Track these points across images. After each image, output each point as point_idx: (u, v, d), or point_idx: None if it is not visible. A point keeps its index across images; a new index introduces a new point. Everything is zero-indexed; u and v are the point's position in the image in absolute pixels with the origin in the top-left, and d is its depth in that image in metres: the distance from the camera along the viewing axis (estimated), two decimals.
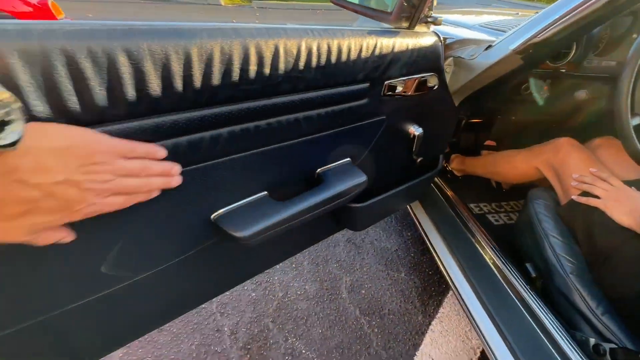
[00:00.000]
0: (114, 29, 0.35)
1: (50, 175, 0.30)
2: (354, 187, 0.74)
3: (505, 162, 1.18)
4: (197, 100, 0.44)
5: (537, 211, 0.95)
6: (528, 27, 0.79)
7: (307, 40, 0.51)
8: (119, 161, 0.36)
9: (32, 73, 0.31)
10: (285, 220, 0.62)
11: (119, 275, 0.52)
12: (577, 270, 0.82)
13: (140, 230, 0.50)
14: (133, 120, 0.40)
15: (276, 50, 0.48)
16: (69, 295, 0.48)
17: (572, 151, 0.95)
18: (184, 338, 1.09)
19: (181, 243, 0.58)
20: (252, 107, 0.50)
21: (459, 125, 1.24)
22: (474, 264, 1.03)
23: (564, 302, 0.83)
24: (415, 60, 0.71)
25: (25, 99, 0.32)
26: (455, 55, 1.01)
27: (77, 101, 0.35)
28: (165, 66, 0.39)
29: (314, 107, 0.59)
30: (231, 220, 0.59)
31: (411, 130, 0.87)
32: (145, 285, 0.58)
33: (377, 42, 0.62)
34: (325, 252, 1.46)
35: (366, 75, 0.64)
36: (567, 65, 1.00)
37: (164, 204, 0.50)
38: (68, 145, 0.31)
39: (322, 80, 0.57)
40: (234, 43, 0.44)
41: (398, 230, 1.64)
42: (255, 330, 1.14)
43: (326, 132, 0.65)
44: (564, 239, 0.87)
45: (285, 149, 0.61)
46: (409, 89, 0.76)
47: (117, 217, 0.46)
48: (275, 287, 1.29)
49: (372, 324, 1.20)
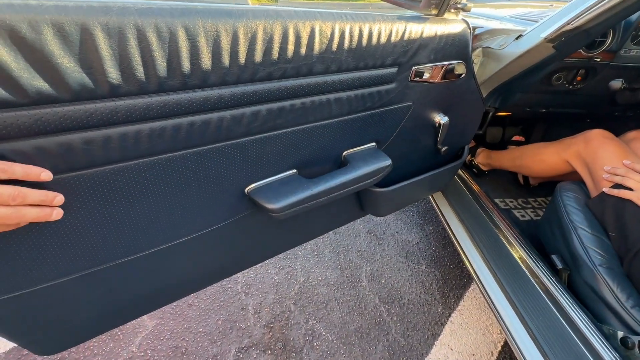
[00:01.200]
0: (175, 8, 0.40)
1: None
2: (379, 170, 0.76)
3: (533, 155, 1.15)
4: (241, 75, 0.48)
5: (565, 203, 0.93)
6: (561, 14, 0.79)
7: (341, 23, 0.55)
8: None
9: (110, 44, 0.37)
10: (313, 197, 0.66)
11: (160, 239, 0.58)
12: (607, 263, 0.80)
13: (186, 198, 0.55)
14: (185, 91, 0.45)
15: (312, 31, 0.52)
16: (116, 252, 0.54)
17: (604, 143, 0.93)
18: (211, 313, 1.15)
19: (218, 213, 0.63)
20: (289, 85, 0.54)
21: (485, 117, 1.23)
22: (499, 256, 1.03)
23: (591, 295, 0.81)
24: (444, 46, 0.73)
25: (104, 66, 0.37)
26: (484, 46, 1.01)
27: (142, 71, 0.40)
28: (215, 42, 0.43)
29: (344, 89, 0.62)
30: (264, 194, 0.63)
31: (437, 119, 0.88)
32: (181, 251, 0.63)
33: (406, 27, 0.64)
34: (346, 241, 1.49)
35: (394, 60, 0.66)
36: (602, 54, 0.97)
37: (207, 175, 0.55)
38: None
39: (352, 62, 0.60)
40: (275, 23, 0.48)
41: (420, 224, 1.64)
42: (278, 311, 1.18)
43: (354, 114, 0.69)
44: (593, 232, 0.86)
45: (316, 130, 0.65)
46: (436, 76, 0.77)
47: (168, 185, 0.51)
48: (298, 272, 1.33)
49: (392, 312, 1.22)
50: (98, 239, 0.50)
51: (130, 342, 1.05)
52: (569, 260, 0.88)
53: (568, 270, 0.88)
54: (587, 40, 0.84)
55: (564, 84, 1.05)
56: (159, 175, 0.49)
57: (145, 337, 1.07)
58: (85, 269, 0.52)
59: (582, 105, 1.19)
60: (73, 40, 0.35)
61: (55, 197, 0.39)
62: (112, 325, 0.69)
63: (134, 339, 1.06)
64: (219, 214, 0.63)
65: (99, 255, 0.52)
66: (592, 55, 0.97)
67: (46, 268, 0.48)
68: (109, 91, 0.39)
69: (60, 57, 0.34)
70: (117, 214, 0.50)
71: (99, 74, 0.37)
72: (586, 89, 1.08)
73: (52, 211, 0.40)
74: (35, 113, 0.35)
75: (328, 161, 0.74)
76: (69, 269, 0.50)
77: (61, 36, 0.34)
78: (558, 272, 0.89)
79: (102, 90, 0.38)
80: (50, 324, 0.57)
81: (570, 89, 1.07)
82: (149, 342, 1.05)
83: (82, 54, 0.35)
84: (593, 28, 0.74)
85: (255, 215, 0.70)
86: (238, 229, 0.70)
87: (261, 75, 0.50)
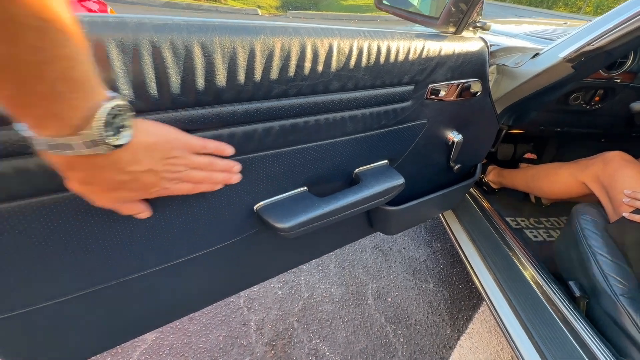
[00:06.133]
0: (192, 24, 0.39)
1: (139, 166, 0.36)
2: (392, 188, 0.74)
3: (548, 176, 1.12)
4: (255, 92, 0.46)
5: (583, 227, 0.90)
6: (581, 34, 0.77)
7: (359, 40, 0.53)
8: (191, 156, 0.43)
9: (124, 60, 0.35)
10: (324, 216, 0.64)
11: (163, 258, 0.56)
12: (628, 292, 0.76)
13: (191, 215, 0.53)
14: (199, 108, 0.43)
15: (330, 49, 0.50)
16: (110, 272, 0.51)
17: (624, 166, 0.90)
18: (212, 328, 1.12)
19: (224, 231, 0.61)
20: (304, 102, 0.52)
21: (498, 135, 1.20)
22: (511, 278, 0.99)
23: (611, 325, 0.77)
24: (461, 65, 0.71)
25: (115, 82, 0.36)
26: (499, 63, 0.99)
27: (155, 87, 0.38)
28: (232, 59, 0.42)
29: (359, 106, 0.60)
30: (274, 212, 0.61)
31: (450, 137, 0.86)
32: (185, 269, 0.61)
33: (424, 45, 0.63)
34: (352, 256, 1.46)
35: (412, 78, 0.64)
36: (623, 75, 0.95)
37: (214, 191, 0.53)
38: (154, 141, 0.38)
39: (369, 80, 0.58)
40: (293, 40, 0.46)
41: (427, 240, 1.60)
42: (281, 328, 1.15)
43: (369, 132, 0.67)
44: (614, 259, 0.82)
45: (329, 147, 0.63)
46: (452, 94, 0.75)
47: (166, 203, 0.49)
48: (302, 287, 1.30)
49: (398, 333, 1.18)
50: (97, 259, 0.48)
51: (128, 357, 1.02)
52: (588, 288, 0.85)
53: (586, 298, 0.84)
54: (608, 61, 0.82)
55: (581, 104, 1.03)
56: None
57: (143, 351, 1.04)
58: (85, 288, 0.50)
59: (599, 126, 1.17)
60: None
61: (235, 165, 0.50)
62: (113, 343, 0.66)
63: (132, 354, 1.02)
64: (225, 232, 0.61)
65: (98, 274, 0.50)
66: (612, 76, 0.95)
67: (44, 287, 0.46)
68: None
69: None
70: (118, 232, 0.47)
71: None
72: (604, 110, 1.05)
73: (233, 176, 0.51)
74: None
75: (339, 178, 0.72)
76: (69, 288, 0.48)
77: None
78: (576, 300, 0.85)
79: None
80: (48, 343, 0.54)
81: (588, 109, 1.05)
82: (147, 358, 1.02)
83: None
84: (615, 49, 0.72)
85: (263, 233, 0.68)
86: (244, 247, 0.68)
87: (277, 92, 0.48)
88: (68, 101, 0.27)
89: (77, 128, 0.28)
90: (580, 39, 0.76)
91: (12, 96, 0.25)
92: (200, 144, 0.44)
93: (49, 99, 0.26)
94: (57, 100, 0.26)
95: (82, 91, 0.27)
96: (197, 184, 0.46)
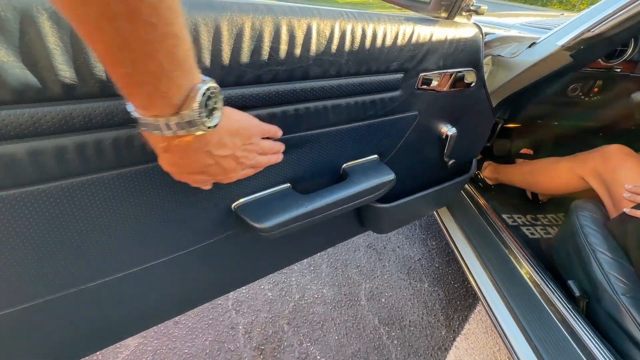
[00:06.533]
0: None
1: (224, 150, 0.38)
2: (382, 184, 0.69)
3: (545, 171, 1.09)
4: (225, 77, 0.42)
5: (582, 224, 0.86)
6: (580, 21, 0.73)
7: (341, 22, 0.49)
8: (261, 142, 0.45)
9: (60, 35, 0.31)
10: (308, 214, 0.59)
11: (136, 260, 0.51)
12: (630, 292, 0.73)
13: (161, 214, 0.48)
14: None
15: (309, 30, 0.46)
16: (85, 275, 0.47)
17: (624, 160, 0.86)
18: (198, 333, 1.08)
19: (200, 230, 0.56)
20: (280, 90, 0.48)
21: (494, 129, 1.16)
22: (508, 277, 0.96)
23: (612, 326, 0.74)
24: (454, 52, 0.67)
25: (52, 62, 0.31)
26: (495, 54, 0.95)
27: (102, 69, 0.34)
28: (194, 38, 0.37)
29: (343, 95, 0.56)
30: (252, 211, 0.56)
31: (444, 130, 0.82)
32: (161, 271, 0.56)
33: (414, 29, 0.58)
34: (344, 256, 1.42)
35: (400, 65, 0.60)
36: (623, 65, 0.91)
37: (186, 189, 0.48)
38: (237, 127, 0.39)
39: (354, 66, 0.54)
40: (265, 19, 0.42)
41: (422, 238, 1.56)
42: (270, 331, 1.10)
43: (354, 123, 0.62)
44: (614, 256, 0.79)
45: (311, 138, 0.58)
46: (445, 84, 0.71)
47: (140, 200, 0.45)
48: (292, 288, 1.26)
49: (392, 335, 1.14)
50: (67, 260, 0.43)
51: None
52: (588, 287, 0.81)
53: (586, 298, 0.80)
54: (608, 48, 0.78)
55: (579, 95, 0.99)
56: (131, 190, 0.43)
57: (125, 358, 0.99)
58: (58, 290, 0.45)
59: (597, 118, 1.13)
60: (11, 30, 0.28)
61: (282, 146, 0.52)
62: (91, 349, 0.62)
63: None
64: (202, 231, 0.57)
65: (71, 276, 0.45)
66: (612, 65, 0.91)
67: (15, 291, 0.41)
68: (61, 93, 0.32)
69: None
70: (83, 235, 0.43)
71: (46, 71, 0.31)
72: (603, 101, 1.02)
73: (279, 156, 0.52)
74: None
75: (326, 174, 0.68)
76: (41, 291, 0.44)
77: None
78: (575, 300, 0.82)
79: (53, 92, 0.32)
80: (22, 349, 0.49)
81: (586, 101, 1.01)
82: None
83: (23, 46, 0.29)
84: (617, 35, 0.68)
85: (244, 233, 0.64)
86: (226, 248, 0.64)
87: (249, 77, 0.44)
88: (174, 79, 0.28)
89: (178, 108, 0.29)
90: (580, 26, 0.72)
91: (128, 74, 0.26)
92: (266, 129, 0.46)
93: (158, 77, 0.27)
94: (164, 78, 0.27)
95: (184, 70, 0.28)
96: (254, 168, 0.47)
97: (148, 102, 0.29)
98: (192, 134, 0.31)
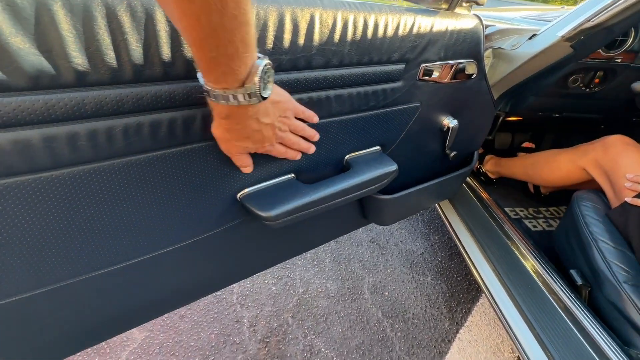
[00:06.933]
0: None
1: (267, 118, 0.42)
2: (384, 175, 0.70)
3: (547, 162, 1.09)
4: None
5: (584, 214, 0.87)
6: (580, 11, 0.74)
7: (344, 12, 0.50)
8: (293, 119, 0.50)
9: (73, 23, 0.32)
10: (312, 204, 0.60)
11: (142, 249, 0.52)
12: (632, 280, 0.73)
13: (168, 203, 0.49)
14: (166, 82, 0.39)
15: (312, 19, 0.47)
16: (92, 263, 0.48)
17: (625, 149, 0.87)
18: (204, 326, 1.09)
19: (206, 220, 0.57)
20: (284, 79, 0.49)
21: (495, 122, 1.17)
22: (511, 269, 0.96)
23: (615, 314, 0.74)
24: (454, 43, 0.67)
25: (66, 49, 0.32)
26: (495, 46, 0.96)
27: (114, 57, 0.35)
28: None
29: (345, 85, 0.57)
30: (258, 200, 0.57)
31: (445, 122, 0.82)
32: (168, 261, 0.57)
33: (415, 20, 0.59)
34: (347, 250, 1.43)
35: (402, 56, 0.61)
36: (623, 55, 0.92)
37: (193, 178, 0.49)
38: (279, 100, 0.45)
39: (356, 56, 0.54)
40: (269, 8, 0.43)
41: (425, 233, 1.57)
42: (275, 324, 1.12)
43: (357, 114, 0.63)
44: (616, 245, 0.79)
45: (315, 129, 0.59)
46: (446, 76, 0.72)
47: (148, 189, 0.46)
48: (296, 282, 1.27)
49: (395, 327, 1.15)
50: (72, 249, 0.44)
51: (117, 356, 0.98)
52: (589, 276, 0.81)
53: (588, 287, 0.81)
54: (608, 38, 0.78)
55: (580, 86, 0.99)
56: (137, 178, 0.44)
57: (133, 351, 1.00)
58: (64, 279, 0.46)
59: (598, 110, 1.13)
60: (27, 17, 0.29)
61: (316, 135, 0.56)
62: (97, 339, 0.63)
63: (121, 353, 0.99)
64: (208, 221, 0.58)
65: (76, 266, 0.46)
66: (612, 55, 0.92)
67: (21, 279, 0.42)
68: (74, 80, 0.33)
69: (12, 35, 0.29)
70: (91, 222, 0.44)
71: (60, 58, 0.32)
72: (604, 92, 1.02)
73: (312, 147, 0.56)
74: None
75: (329, 165, 0.69)
76: (44, 280, 0.45)
77: (11, 10, 0.29)
78: (577, 289, 0.82)
79: (66, 79, 0.33)
80: (28, 339, 0.51)
81: (587, 92, 1.01)
82: (136, 357, 0.99)
83: (38, 33, 0.30)
84: (616, 25, 0.69)
85: (249, 224, 0.65)
86: (230, 238, 0.65)
87: None
88: (243, 59, 0.33)
89: (243, 82, 0.35)
90: (579, 16, 0.73)
91: (212, 57, 0.32)
92: (300, 109, 0.50)
93: (232, 58, 0.32)
94: (236, 59, 0.32)
95: (251, 51, 0.33)
96: (288, 149, 0.52)
97: (223, 77, 0.34)
98: (252, 103, 0.36)
